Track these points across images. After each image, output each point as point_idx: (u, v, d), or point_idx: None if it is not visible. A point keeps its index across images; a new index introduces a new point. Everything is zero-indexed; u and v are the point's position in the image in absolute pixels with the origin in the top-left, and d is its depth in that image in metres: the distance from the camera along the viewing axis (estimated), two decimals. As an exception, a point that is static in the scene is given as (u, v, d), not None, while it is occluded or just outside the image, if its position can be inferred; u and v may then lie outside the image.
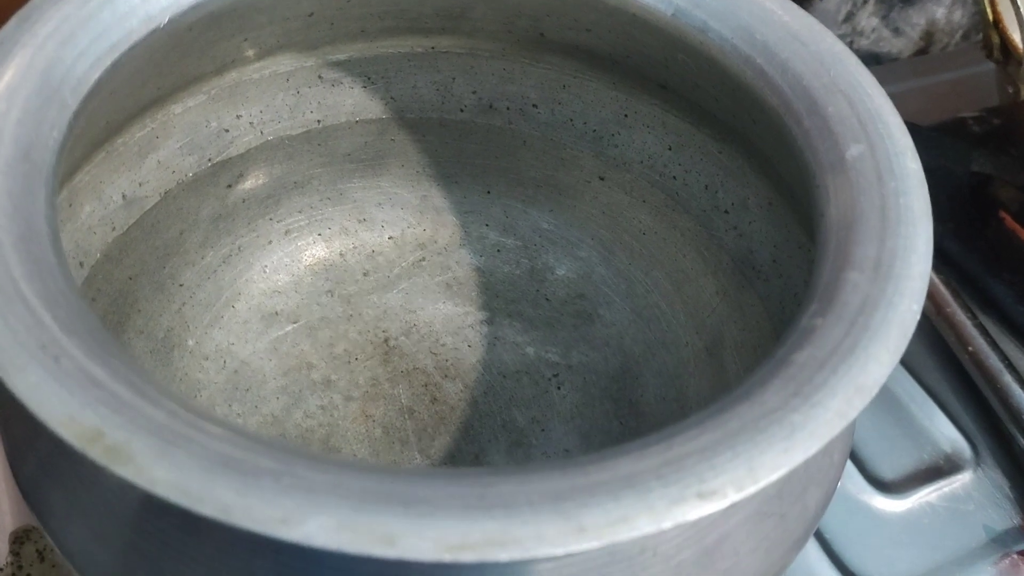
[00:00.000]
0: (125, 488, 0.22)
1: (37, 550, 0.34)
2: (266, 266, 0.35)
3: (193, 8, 0.29)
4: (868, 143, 0.26)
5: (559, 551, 0.17)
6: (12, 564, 0.34)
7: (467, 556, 0.17)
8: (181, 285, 0.34)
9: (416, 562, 0.17)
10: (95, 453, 0.18)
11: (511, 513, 0.17)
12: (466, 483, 0.18)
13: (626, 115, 0.36)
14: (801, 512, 0.25)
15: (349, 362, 0.35)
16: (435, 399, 0.34)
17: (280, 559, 0.21)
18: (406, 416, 0.34)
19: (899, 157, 0.26)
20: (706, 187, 0.35)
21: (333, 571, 0.21)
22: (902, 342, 0.22)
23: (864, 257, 0.23)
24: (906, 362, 0.42)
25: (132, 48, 0.27)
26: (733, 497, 0.18)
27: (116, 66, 0.27)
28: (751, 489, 0.18)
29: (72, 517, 0.24)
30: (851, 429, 0.28)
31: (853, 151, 0.26)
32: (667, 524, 0.18)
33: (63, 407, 0.19)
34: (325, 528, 0.17)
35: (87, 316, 0.21)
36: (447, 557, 0.17)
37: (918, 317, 0.22)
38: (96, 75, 0.26)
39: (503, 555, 0.17)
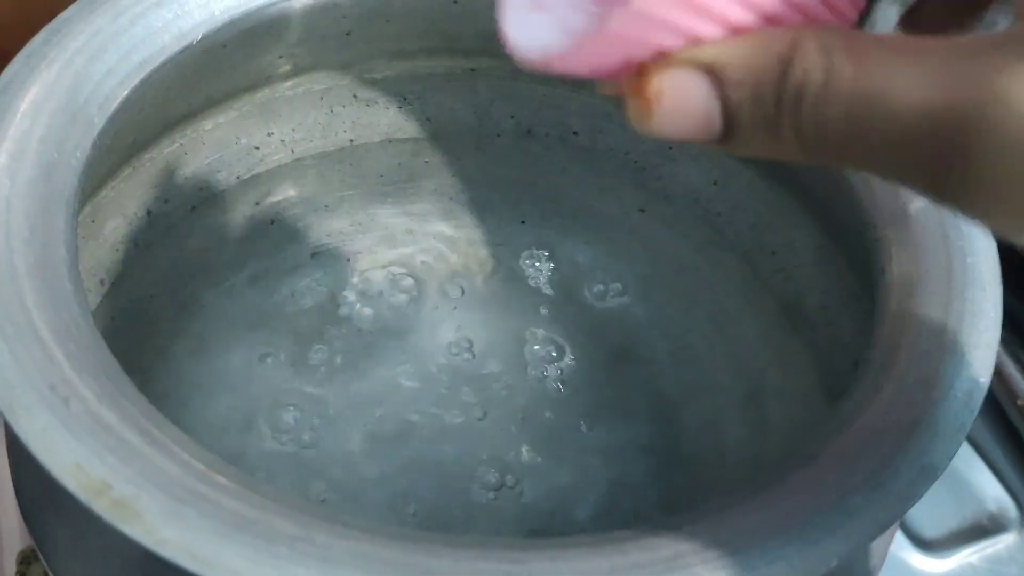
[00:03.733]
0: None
1: (44, 572, 0.33)
2: (292, 291, 0.34)
3: (228, 24, 0.28)
4: (933, 195, 0.24)
5: (594, 641, 0.16)
6: (18, 586, 0.33)
7: (493, 643, 0.16)
8: (203, 306, 0.33)
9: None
10: (101, 507, 0.17)
11: (543, 597, 0.16)
12: (494, 558, 0.17)
13: (670, 147, 0.35)
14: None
15: (371, 394, 0.33)
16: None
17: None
18: (427, 453, 0.32)
19: (966, 212, 0.24)
20: (752, 226, 0.33)
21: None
22: (969, 418, 0.20)
23: (928, 322, 0.22)
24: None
25: (163, 64, 0.26)
26: (784, 587, 0.17)
27: (146, 83, 0.26)
28: (804, 579, 0.17)
29: (73, 552, 0.23)
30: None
31: (917, 203, 0.24)
32: (712, 615, 0.16)
33: (70, 454, 0.18)
34: (341, 603, 0.16)
35: (101, 351, 0.20)
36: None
37: (986, 391, 0.21)
38: (124, 92, 0.25)
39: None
